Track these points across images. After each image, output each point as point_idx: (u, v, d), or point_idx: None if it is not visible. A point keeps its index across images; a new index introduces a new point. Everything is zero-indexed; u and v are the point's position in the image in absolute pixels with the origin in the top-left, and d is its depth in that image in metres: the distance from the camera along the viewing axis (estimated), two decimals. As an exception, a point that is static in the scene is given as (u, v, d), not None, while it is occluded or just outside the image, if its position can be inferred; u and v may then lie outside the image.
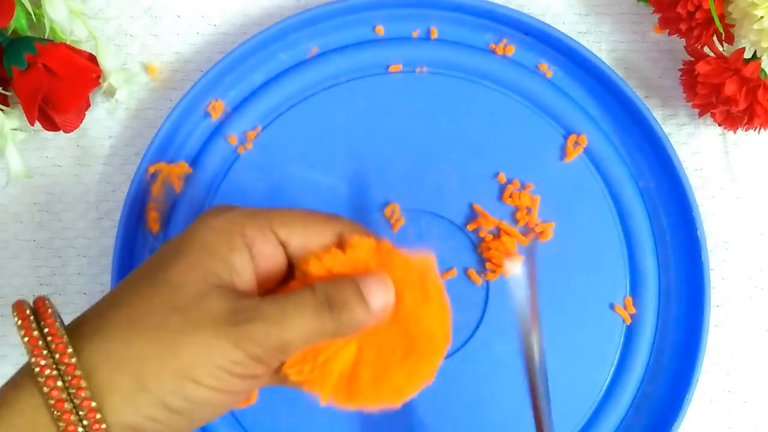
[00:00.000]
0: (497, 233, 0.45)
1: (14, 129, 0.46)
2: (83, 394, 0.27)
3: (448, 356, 0.44)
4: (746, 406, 0.47)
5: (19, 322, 0.29)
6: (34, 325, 0.29)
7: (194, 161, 0.46)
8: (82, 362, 0.28)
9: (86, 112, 0.46)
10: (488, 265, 0.45)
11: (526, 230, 0.45)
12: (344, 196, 0.45)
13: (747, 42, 0.41)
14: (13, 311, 0.29)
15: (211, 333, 0.28)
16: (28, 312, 0.29)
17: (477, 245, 0.45)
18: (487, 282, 0.45)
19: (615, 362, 0.45)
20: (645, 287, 0.45)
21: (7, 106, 0.46)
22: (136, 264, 0.45)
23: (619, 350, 0.45)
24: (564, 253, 0.45)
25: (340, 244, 0.33)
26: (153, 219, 0.45)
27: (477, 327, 0.45)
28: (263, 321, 0.29)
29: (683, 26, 0.42)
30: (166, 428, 0.28)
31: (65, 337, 0.28)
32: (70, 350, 0.28)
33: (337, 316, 0.30)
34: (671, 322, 0.45)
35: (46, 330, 0.28)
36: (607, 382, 0.45)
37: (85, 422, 0.27)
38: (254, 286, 0.31)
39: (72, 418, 0.27)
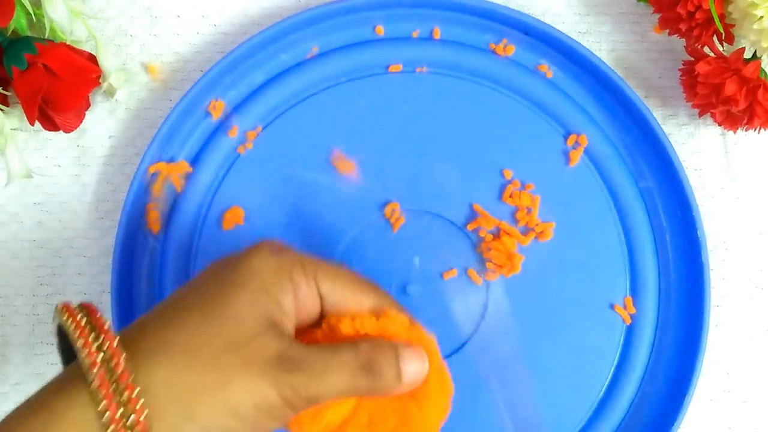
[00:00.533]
0: (497, 233, 0.45)
1: (14, 129, 0.46)
2: (140, 417, 0.28)
3: (448, 356, 0.44)
4: (746, 406, 0.47)
5: (77, 333, 0.29)
6: (92, 338, 0.29)
7: (194, 161, 0.46)
8: (138, 383, 0.29)
9: (86, 112, 0.46)
10: (488, 265, 0.45)
11: (526, 230, 0.45)
12: (344, 195, 0.45)
13: (747, 42, 0.41)
14: (63, 317, 0.30)
15: (259, 374, 0.29)
16: (84, 323, 0.30)
17: (477, 245, 0.45)
18: (487, 282, 0.45)
19: (615, 362, 0.45)
20: (645, 287, 0.45)
21: (7, 106, 0.46)
22: (136, 264, 0.45)
23: (619, 350, 0.45)
24: (564, 253, 0.45)
25: (375, 314, 0.34)
26: (153, 219, 0.45)
27: (477, 327, 0.45)
28: (306, 373, 0.30)
29: (683, 26, 0.42)
30: None
31: (124, 358, 0.29)
32: (130, 371, 0.29)
33: (372, 381, 0.31)
34: (671, 322, 0.45)
35: (105, 346, 0.29)
36: (607, 382, 0.45)
37: None
38: (294, 329, 0.33)
39: None
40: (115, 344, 0.29)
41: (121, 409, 0.28)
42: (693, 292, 0.45)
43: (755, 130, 0.44)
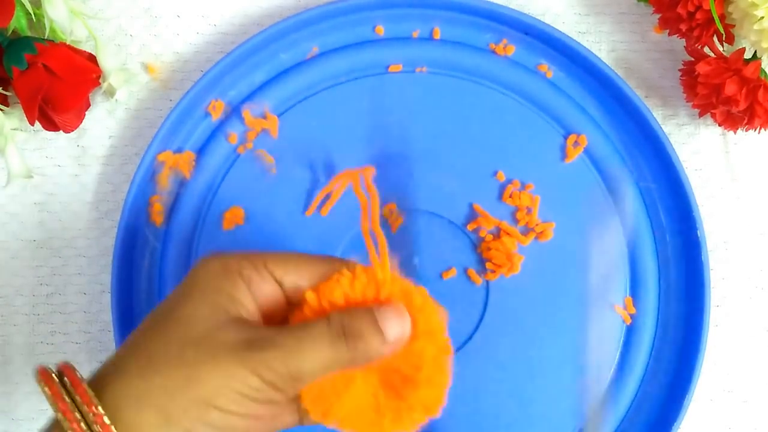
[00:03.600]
0: (497, 233, 0.45)
1: (14, 129, 0.46)
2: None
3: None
4: (746, 406, 0.47)
5: (42, 380, 0.29)
6: (55, 378, 0.29)
7: (195, 161, 0.46)
8: (105, 404, 0.28)
9: (86, 112, 0.46)
10: (488, 265, 0.45)
11: (526, 230, 0.45)
12: (343, 195, 0.45)
13: (747, 42, 0.41)
14: (35, 376, 0.30)
15: (229, 360, 0.29)
16: (49, 370, 0.30)
17: (477, 245, 0.45)
18: (487, 282, 0.45)
19: (615, 362, 0.45)
20: (645, 287, 0.45)
21: (7, 106, 0.46)
22: (136, 264, 0.46)
23: (619, 350, 0.45)
24: (564, 253, 0.45)
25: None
26: (156, 212, 0.45)
27: (477, 327, 0.45)
28: (279, 349, 0.29)
29: (683, 26, 0.42)
30: None
31: (89, 388, 0.29)
32: (91, 394, 0.28)
33: (353, 347, 0.30)
34: (671, 322, 0.45)
35: (68, 383, 0.29)
36: (607, 382, 0.45)
37: None
38: (260, 321, 0.32)
39: None
40: (77, 377, 0.29)
41: (85, 426, 0.28)
42: (693, 292, 0.45)
43: (755, 130, 0.44)
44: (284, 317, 0.33)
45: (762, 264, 0.47)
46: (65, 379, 0.29)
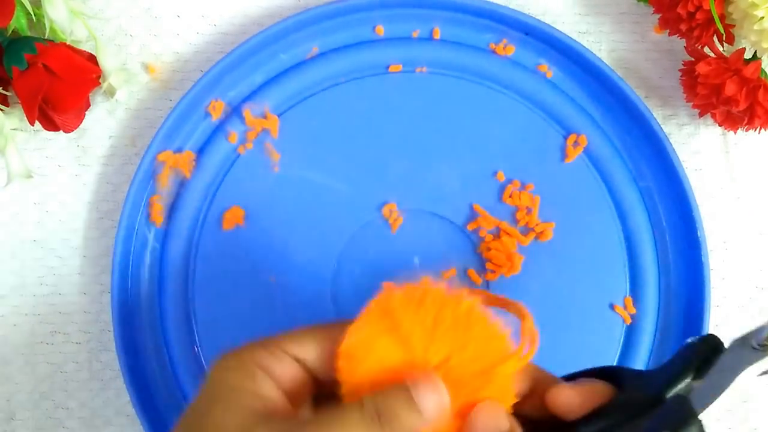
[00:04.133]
0: (497, 233, 0.45)
1: (14, 129, 0.46)
2: None
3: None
4: (746, 405, 0.47)
5: None
6: None
7: (195, 161, 0.46)
8: None
9: (86, 112, 0.46)
10: (488, 265, 0.45)
11: (526, 230, 0.45)
12: (344, 195, 0.45)
13: (747, 42, 0.41)
14: None
15: None
16: None
17: (477, 245, 0.45)
18: (487, 282, 0.45)
19: (615, 362, 0.45)
20: (645, 287, 0.45)
21: (7, 106, 0.46)
22: (136, 264, 0.45)
23: (619, 350, 0.45)
24: (564, 253, 0.45)
25: None
26: (157, 212, 0.45)
27: (477, 327, 0.45)
28: None
29: (683, 27, 0.42)
30: None
31: None
32: None
33: (389, 428, 0.29)
34: (671, 322, 0.45)
35: None
36: (607, 382, 0.45)
37: None
38: (288, 406, 0.31)
39: None
40: None
41: None
42: (693, 292, 0.45)
43: (755, 130, 0.44)
44: (314, 394, 0.33)
45: (762, 264, 0.47)
46: None
